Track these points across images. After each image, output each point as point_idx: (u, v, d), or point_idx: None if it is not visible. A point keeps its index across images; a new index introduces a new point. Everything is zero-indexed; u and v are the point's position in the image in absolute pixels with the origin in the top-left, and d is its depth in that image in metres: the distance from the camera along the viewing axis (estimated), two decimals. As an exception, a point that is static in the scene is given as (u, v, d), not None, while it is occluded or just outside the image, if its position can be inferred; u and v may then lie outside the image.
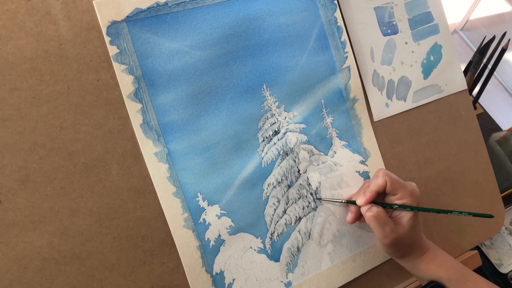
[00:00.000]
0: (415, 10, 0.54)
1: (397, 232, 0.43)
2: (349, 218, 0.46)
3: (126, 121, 0.40)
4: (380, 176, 0.44)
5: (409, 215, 0.43)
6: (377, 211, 0.42)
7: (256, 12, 0.44)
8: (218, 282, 0.43)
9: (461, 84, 0.57)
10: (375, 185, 0.43)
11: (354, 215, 0.46)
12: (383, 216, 0.42)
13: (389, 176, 0.43)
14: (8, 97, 0.36)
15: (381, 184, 0.43)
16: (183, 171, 0.41)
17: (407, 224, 0.43)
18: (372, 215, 0.42)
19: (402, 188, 0.43)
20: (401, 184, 0.44)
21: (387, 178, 0.43)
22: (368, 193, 0.43)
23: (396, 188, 0.43)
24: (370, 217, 0.43)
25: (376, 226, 0.42)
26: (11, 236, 0.36)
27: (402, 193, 0.43)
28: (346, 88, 0.49)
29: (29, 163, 0.36)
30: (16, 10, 0.36)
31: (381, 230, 0.42)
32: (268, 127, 0.46)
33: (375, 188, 0.43)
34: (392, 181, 0.43)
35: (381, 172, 0.44)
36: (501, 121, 1.11)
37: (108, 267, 0.39)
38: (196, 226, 0.42)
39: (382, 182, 0.43)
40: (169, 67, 0.41)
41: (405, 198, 0.43)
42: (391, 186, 0.43)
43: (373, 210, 0.43)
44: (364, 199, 0.44)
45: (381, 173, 0.44)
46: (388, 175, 0.43)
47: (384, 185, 0.43)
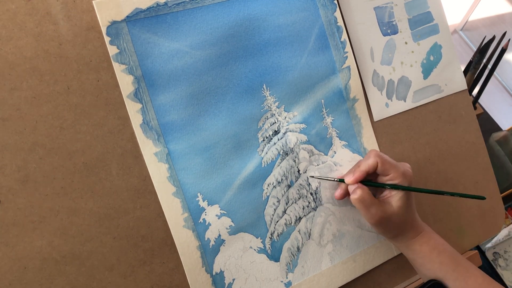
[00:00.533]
0: (415, 10, 0.54)
1: (385, 212, 0.43)
2: (337, 194, 0.47)
3: (126, 121, 0.40)
4: (371, 157, 0.44)
5: (398, 195, 0.43)
6: (361, 194, 0.43)
7: (256, 12, 0.44)
8: (218, 282, 0.43)
9: (461, 84, 0.57)
10: (366, 165, 0.44)
11: (343, 192, 0.46)
12: (368, 198, 0.43)
13: (381, 157, 0.44)
14: (8, 97, 0.36)
15: (372, 164, 0.43)
16: (183, 171, 0.41)
17: (396, 204, 0.43)
18: (356, 198, 0.43)
19: (394, 169, 0.43)
20: (392, 165, 0.44)
21: (378, 159, 0.43)
22: (357, 172, 0.44)
23: (387, 169, 0.43)
24: (355, 200, 0.43)
25: (362, 207, 0.43)
26: (11, 236, 0.36)
27: (393, 174, 0.43)
28: (346, 88, 0.49)
29: (29, 163, 0.36)
30: (16, 10, 0.36)
31: (366, 211, 0.43)
32: (268, 127, 0.46)
33: (365, 168, 0.44)
34: (384, 162, 0.43)
35: (372, 153, 0.44)
36: (501, 121, 1.11)
37: (108, 267, 0.39)
38: (196, 226, 0.42)
39: (372, 162, 0.43)
40: (169, 67, 0.41)
41: (396, 179, 0.43)
42: (382, 167, 0.43)
43: (357, 193, 0.43)
44: (353, 178, 0.44)
45: (373, 154, 0.44)
46: (380, 156, 0.44)
47: (375, 165, 0.43)
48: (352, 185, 0.44)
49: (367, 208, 0.43)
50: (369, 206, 0.43)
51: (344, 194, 0.46)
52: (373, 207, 0.43)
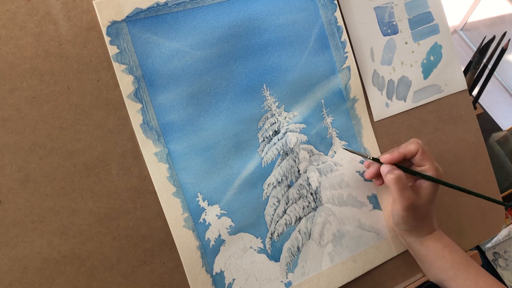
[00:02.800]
0: (415, 10, 0.54)
1: (414, 199, 0.43)
2: (368, 172, 0.46)
3: (126, 121, 0.40)
4: (413, 143, 0.44)
5: (429, 187, 0.44)
6: (399, 173, 0.42)
7: (256, 12, 0.44)
8: (218, 282, 0.43)
9: (461, 84, 0.57)
10: (406, 149, 0.44)
11: (375, 171, 0.45)
12: (404, 180, 0.42)
13: (422, 146, 0.44)
14: (8, 97, 0.36)
15: (413, 150, 0.43)
16: (183, 171, 0.41)
17: (425, 196, 0.44)
18: (393, 177, 0.42)
19: (430, 161, 0.44)
20: (429, 157, 0.44)
21: (419, 147, 0.43)
22: (396, 152, 0.43)
23: (424, 159, 0.43)
24: (391, 179, 0.42)
25: (396, 189, 0.42)
26: (11, 236, 0.36)
27: (429, 166, 0.44)
28: (346, 88, 0.49)
29: (29, 163, 0.36)
30: (16, 10, 0.36)
31: (400, 194, 0.42)
32: (268, 127, 0.46)
33: (404, 151, 0.43)
34: (423, 151, 0.43)
35: (415, 140, 0.44)
36: (501, 121, 1.11)
37: (108, 267, 0.39)
38: (196, 226, 0.42)
39: (414, 148, 0.43)
40: (169, 67, 0.41)
41: (430, 171, 0.44)
42: (421, 156, 0.43)
43: (395, 173, 0.42)
44: (390, 157, 0.43)
45: (415, 141, 0.44)
46: (421, 145, 0.44)
47: (415, 152, 0.43)
48: (386, 167, 0.43)
49: (402, 190, 0.42)
50: (404, 188, 0.42)
51: (375, 174, 0.46)
52: (406, 191, 0.42)
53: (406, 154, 0.44)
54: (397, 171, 0.43)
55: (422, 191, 0.44)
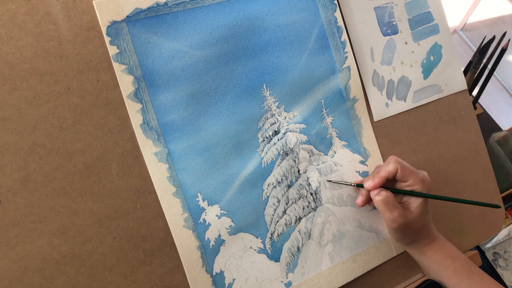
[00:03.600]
0: (415, 10, 0.54)
1: (406, 217, 0.43)
2: (359, 201, 0.47)
3: (126, 121, 0.40)
4: (391, 163, 0.44)
5: (418, 201, 0.44)
6: (386, 195, 0.43)
7: (256, 12, 0.44)
8: (218, 282, 0.43)
9: (461, 84, 0.57)
10: (385, 171, 0.44)
11: (364, 198, 0.46)
12: (392, 200, 0.43)
13: (400, 163, 0.44)
14: (8, 97, 0.36)
15: (392, 170, 0.44)
16: (183, 171, 0.41)
17: (416, 210, 0.44)
18: (381, 199, 0.43)
19: (413, 175, 0.44)
20: (411, 171, 0.44)
21: (398, 165, 0.44)
22: (377, 178, 0.44)
23: (406, 175, 0.44)
24: (379, 201, 0.43)
25: (385, 210, 0.43)
26: (11, 236, 0.36)
27: (412, 180, 0.44)
28: (346, 88, 0.49)
29: (29, 163, 0.36)
30: (16, 10, 0.36)
31: (389, 214, 0.43)
32: (268, 127, 0.46)
33: (384, 174, 0.44)
34: (403, 168, 0.44)
35: (392, 159, 0.44)
36: (501, 121, 1.11)
37: (108, 267, 0.39)
38: (196, 226, 0.42)
39: (392, 168, 0.44)
40: (169, 67, 0.41)
41: (415, 185, 0.44)
42: (402, 173, 0.44)
43: (382, 194, 0.43)
44: (373, 184, 0.44)
45: (392, 160, 0.44)
46: (399, 162, 0.44)
47: (394, 171, 0.44)
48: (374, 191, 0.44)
49: (391, 210, 0.43)
50: (393, 208, 0.43)
51: (365, 201, 0.46)
52: (396, 210, 0.43)
53: (387, 176, 0.44)
54: (384, 192, 0.43)
55: (412, 205, 0.44)
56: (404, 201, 0.45)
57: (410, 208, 0.44)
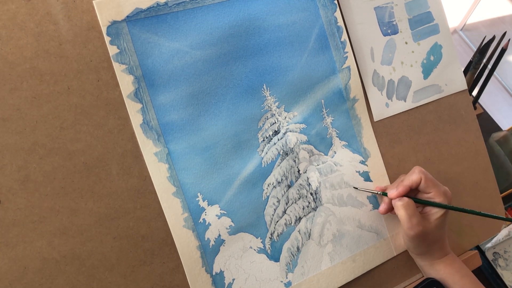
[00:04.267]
0: (415, 10, 0.54)
1: (424, 226, 0.44)
2: (381, 209, 0.47)
3: (126, 121, 0.40)
4: (416, 173, 0.44)
5: (438, 213, 0.44)
6: (407, 200, 0.43)
7: (256, 12, 0.44)
8: (218, 282, 0.43)
9: (461, 84, 0.57)
10: (409, 180, 0.44)
11: (387, 206, 0.47)
12: (412, 207, 0.43)
13: (424, 174, 0.44)
14: (8, 97, 0.36)
15: (416, 180, 0.44)
16: (183, 171, 0.41)
17: (435, 222, 0.44)
18: (402, 204, 0.43)
19: (436, 187, 0.44)
20: (435, 183, 0.44)
21: (422, 176, 0.44)
22: (401, 187, 0.44)
23: (429, 186, 0.44)
24: (400, 206, 0.44)
25: (404, 215, 0.43)
26: (11, 236, 0.36)
27: (435, 192, 0.44)
28: (346, 88, 0.49)
29: (29, 163, 0.36)
30: (16, 10, 0.36)
31: (408, 220, 0.43)
32: (268, 127, 0.46)
33: (408, 183, 0.44)
34: (427, 179, 0.44)
35: (417, 169, 0.45)
36: (501, 121, 1.11)
37: (108, 267, 0.39)
38: (196, 226, 0.42)
39: (416, 178, 0.44)
40: (169, 67, 0.41)
41: (437, 198, 0.44)
42: (425, 184, 0.44)
43: (404, 199, 0.44)
44: (396, 192, 0.44)
45: (417, 170, 0.45)
46: (424, 173, 0.44)
47: (418, 181, 0.44)
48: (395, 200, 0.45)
49: (410, 217, 0.43)
50: (412, 215, 0.43)
51: (388, 209, 0.47)
52: (415, 217, 0.43)
53: (411, 185, 0.45)
54: (406, 198, 0.44)
55: (431, 217, 0.45)
56: (424, 212, 0.46)
57: (430, 219, 0.45)
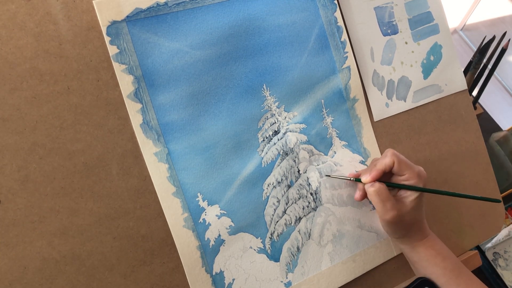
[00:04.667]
0: (415, 10, 0.54)
1: (399, 209, 0.43)
2: (357, 196, 0.47)
3: (126, 121, 0.40)
4: (388, 156, 0.44)
5: (413, 195, 0.44)
6: (379, 186, 0.43)
7: (256, 12, 0.44)
8: (218, 282, 0.43)
9: (461, 84, 0.57)
10: (382, 164, 0.44)
11: (362, 192, 0.46)
12: (385, 192, 0.43)
13: (397, 157, 0.44)
14: (8, 97, 0.36)
15: (389, 163, 0.44)
16: (183, 171, 0.41)
17: (410, 204, 0.44)
18: (374, 190, 0.43)
19: (410, 169, 0.44)
20: (408, 165, 0.44)
21: (395, 158, 0.44)
22: (374, 171, 0.44)
23: (403, 169, 0.44)
24: (372, 192, 0.43)
25: (378, 201, 0.43)
26: (11, 236, 0.36)
27: (409, 174, 0.44)
28: (346, 88, 0.49)
29: (29, 163, 0.36)
30: (16, 10, 0.36)
31: (382, 205, 0.43)
32: (268, 127, 0.46)
33: (381, 167, 0.44)
34: (400, 161, 0.44)
35: (389, 152, 0.44)
36: (501, 121, 1.11)
37: (108, 267, 0.39)
38: (196, 226, 0.42)
39: (389, 161, 0.44)
40: (169, 67, 0.41)
41: (411, 179, 0.44)
42: (398, 167, 0.43)
43: (375, 185, 0.43)
44: (370, 177, 0.44)
45: (389, 153, 0.44)
46: (396, 155, 0.44)
47: (391, 164, 0.44)
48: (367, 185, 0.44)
49: (383, 202, 0.43)
50: (385, 200, 0.43)
51: (363, 195, 0.47)
52: (389, 202, 0.43)
53: (384, 169, 0.44)
54: (377, 183, 0.44)
55: (406, 199, 0.44)
56: (399, 195, 0.45)
57: (405, 202, 0.44)
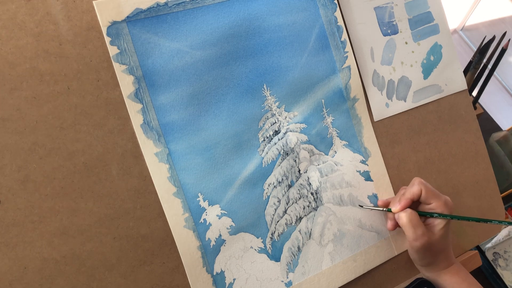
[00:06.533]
0: (415, 10, 0.54)
1: (428, 237, 0.44)
2: (389, 226, 0.48)
3: (126, 121, 0.40)
4: (415, 185, 0.45)
5: (441, 224, 0.45)
6: (411, 212, 0.44)
7: (256, 12, 0.44)
8: (219, 282, 0.42)
9: (461, 84, 0.57)
10: (410, 193, 0.45)
11: (393, 222, 0.47)
12: (416, 218, 0.44)
13: (424, 185, 0.45)
14: (8, 97, 0.36)
15: (416, 192, 0.45)
16: (184, 171, 0.41)
17: (438, 233, 0.45)
18: (406, 215, 0.44)
19: (436, 198, 0.45)
20: (435, 194, 0.45)
21: (422, 187, 0.45)
22: (403, 200, 0.45)
23: (430, 197, 0.45)
24: (404, 217, 0.44)
25: (409, 227, 0.44)
26: (11, 236, 0.36)
27: (436, 203, 0.45)
28: (347, 87, 0.49)
29: (29, 163, 0.36)
30: (16, 10, 0.36)
31: (413, 231, 0.44)
32: (268, 127, 0.45)
33: (410, 196, 0.45)
34: (427, 190, 0.45)
35: (416, 180, 0.45)
36: (501, 121, 1.11)
37: (108, 267, 0.39)
38: (197, 226, 0.42)
39: (417, 190, 0.45)
40: (170, 67, 0.41)
41: (439, 208, 0.45)
42: (426, 195, 0.44)
43: (407, 211, 0.44)
44: (399, 207, 0.45)
45: (417, 182, 0.45)
46: (424, 184, 0.45)
47: (419, 193, 0.45)
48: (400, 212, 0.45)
49: (415, 228, 0.43)
50: (417, 227, 0.44)
51: (395, 224, 0.47)
52: (419, 228, 0.44)
53: (412, 197, 0.45)
54: (409, 210, 0.44)
55: (435, 228, 0.45)
56: (427, 223, 0.46)
57: (433, 230, 0.45)
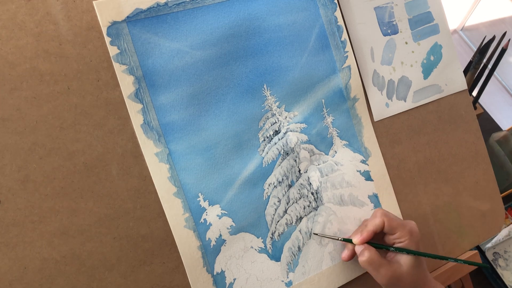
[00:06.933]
0: (415, 10, 0.54)
1: (394, 271, 0.43)
2: (344, 255, 0.46)
3: (126, 121, 0.40)
4: (377, 216, 0.44)
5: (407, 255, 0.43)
6: (369, 256, 0.43)
7: (256, 12, 0.44)
8: (219, 282, 0.42)
9: (461, 84, 0.57)
10: (373, 225, 0.44)
11: (350, 253, 0.46)
12: (376, 259, 0.43)
13: (387, 216, 0.44)
14: (8, 97, 0.36)
15: (379, 224, 0.44)
16: (184, 171, 0.41)
17: (406, 264, 0.43)
18: (365, 259, 0.43)
19: (401, 228, 0.44)
20: (399, 224, 0.44)
21: (384, 218, 0.44)
22: (365, 232, 0.44)
23: (394, 228, 0.43)
24: (363, 262, 0.43)
25: (371, 269, 0.43)
26: (11, 236, 0.36)
27: (400, 233, 0.43)
28: (347, 87, 0.49)
29: (29, 163, 0.36)
30: (16, 10, 0.36)
31: (376, 273, 0.43)
32: (268, 127, 0.45)
33: (372, 228, 0.44)
34: (390, 221, 0.43)
35: (379, 212, 0.44)
36: (501, 121, 1.11)
37: (108, 267, 0.39)
38: (197, 226, 0.42)
39: (379, 222, 0.44)
40: (170, 67, 0.41)
41: (403, 237, 0.43)
42: (389, 226, 0.43)
43: (365, 254, 0.43)
44: (361, 238, 0.44)
45: (379, 213, 0.44)
46: (386, 215, 0.44)
47: (381, 225, 0.44)
48: (359, 247, 0.44)
49: (377, 269, 0.42)
50: (378, 267, 0.42)
51: (351, 255, 0.46)
52: (382, 267, 0.42)
53: (375, 230, 0.44)
54: (367, 252, 0.43)
55: (402, 258, 0.44)
56: (393, 255, 0.45)
57: (399, 261, 0.43)
